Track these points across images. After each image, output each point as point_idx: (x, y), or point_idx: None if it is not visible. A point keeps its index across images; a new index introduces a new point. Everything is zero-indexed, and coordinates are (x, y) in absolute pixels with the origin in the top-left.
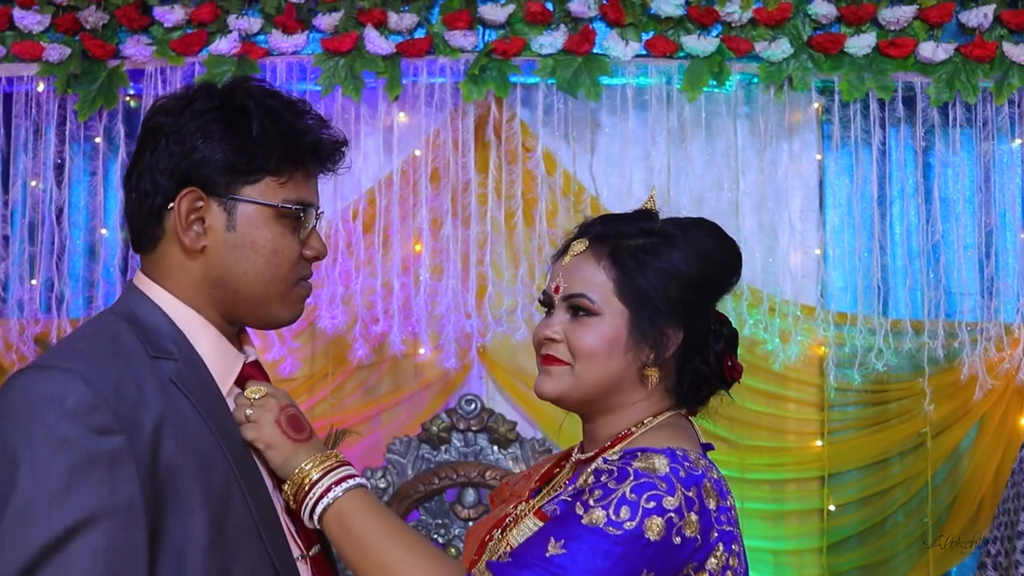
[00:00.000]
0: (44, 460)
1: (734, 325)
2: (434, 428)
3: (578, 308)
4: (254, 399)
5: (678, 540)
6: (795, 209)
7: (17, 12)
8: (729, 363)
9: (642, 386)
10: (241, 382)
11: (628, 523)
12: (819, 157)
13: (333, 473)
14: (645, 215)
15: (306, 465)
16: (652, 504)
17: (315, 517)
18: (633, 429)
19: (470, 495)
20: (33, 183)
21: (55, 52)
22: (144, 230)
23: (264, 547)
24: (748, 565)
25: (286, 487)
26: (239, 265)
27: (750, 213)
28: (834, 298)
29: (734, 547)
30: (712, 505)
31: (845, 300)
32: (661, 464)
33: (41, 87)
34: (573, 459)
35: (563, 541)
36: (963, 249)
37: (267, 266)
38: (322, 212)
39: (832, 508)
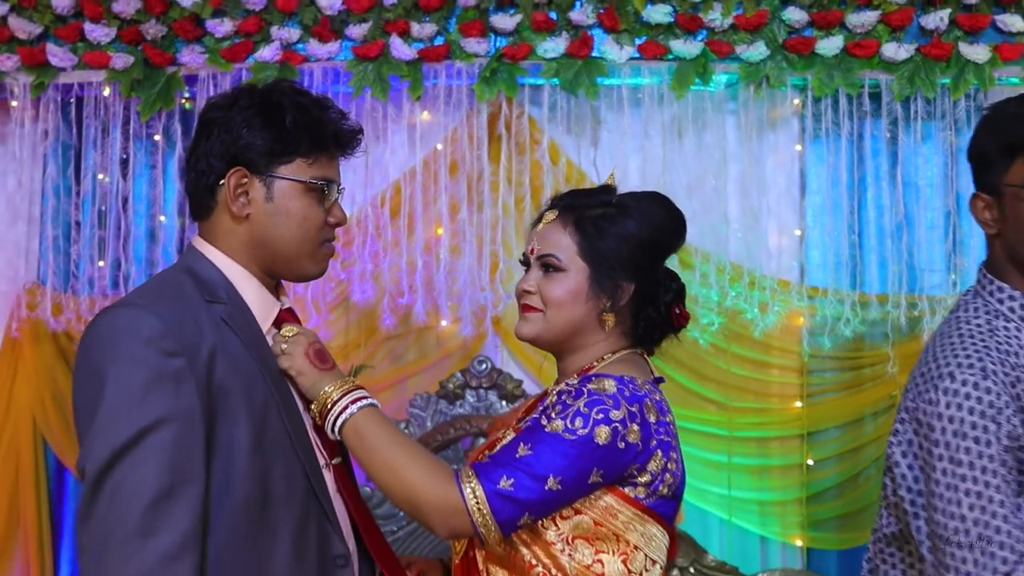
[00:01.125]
0: (125, 375)
1: (717, 297)
2: (450, 386)
3: (548, 265)
4: (288, 336)
5: (622, 445)
6: (777, 195)
7: (88, 26)
8: (677, 311)
9: (601, 329)
10: (278, 324)
11: (581, 430)
12: (799, 148)
13: (351, 394)
14: (605, 190)
15: (328, 388)
16: (600, 416)
17: (336, 430)
18: (595, 364)
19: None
20: (101, 176)
21: (120, 61)
22: (201, 202)
23: (296, 455)
24: (686, 472)
25: (313, 406)
26: (276, 229)
27: (735, 198)
28: (812, 274)
29: (672, 455)
30: (652, 419)
31: (821, 276)
32: (610, 385)
33: (107, 91)
34: (559, 382)
35: (530, 445)
36: (927, 229)
37: (299, 230)
38: (343, 188)
39: (811, 463)
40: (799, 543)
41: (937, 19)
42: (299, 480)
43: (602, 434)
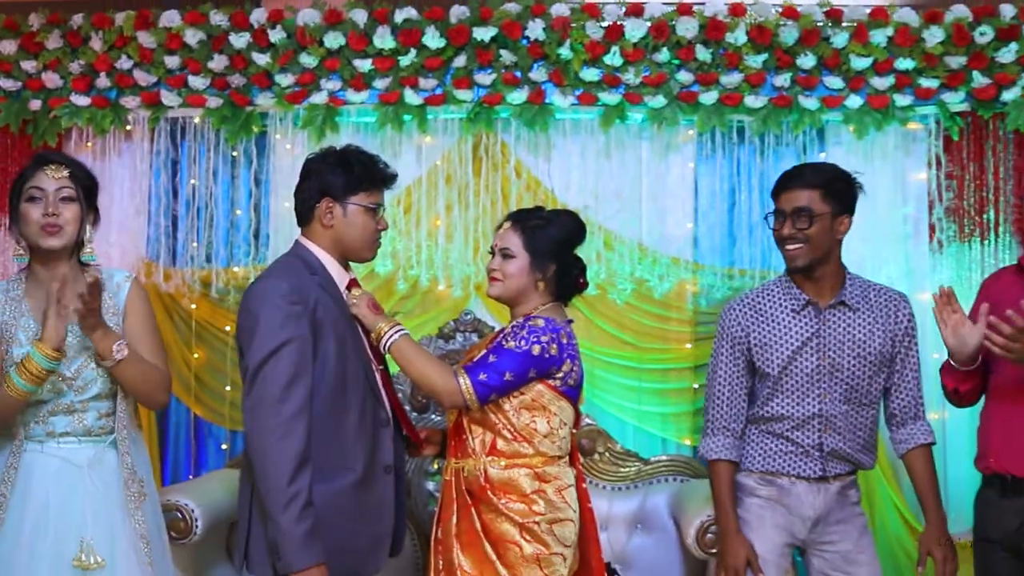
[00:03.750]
0: (269, 315)
1: (630, 270)
2: (445, 330)
3: (506, 254)
4: (356, 295)
5: (546, 356)
6: (675, 199)
7: (190, 77)
8: (580, 280)
9: (536, 291)
10: (349, 287)
11: (523, 346)
12: (691, 165)
13: (394, 327)
14: (539, 209)
15: (380, 324)
16: (534, 339)
17: (386, 347)
18: (532, 311)
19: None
20: (194, 182)
21: (213, 102)
22: (304, 216)
23: (360, 361)
24: (584, 375)
25: (372, 335)
26: (348, 234)
27: (646, 201)
28: (697, 254)
29: (576, 363)
30: (564, 341)
31: (703, 255)
32: (540, 322)
33: (200, 122)
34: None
35: (495, 356)
36: None
37: (361, 234)
38: (385, 208)
39: (696, 386)
40: (688, 442)
41: (783, 80)
42: (361, 375)
43: (535, 349)
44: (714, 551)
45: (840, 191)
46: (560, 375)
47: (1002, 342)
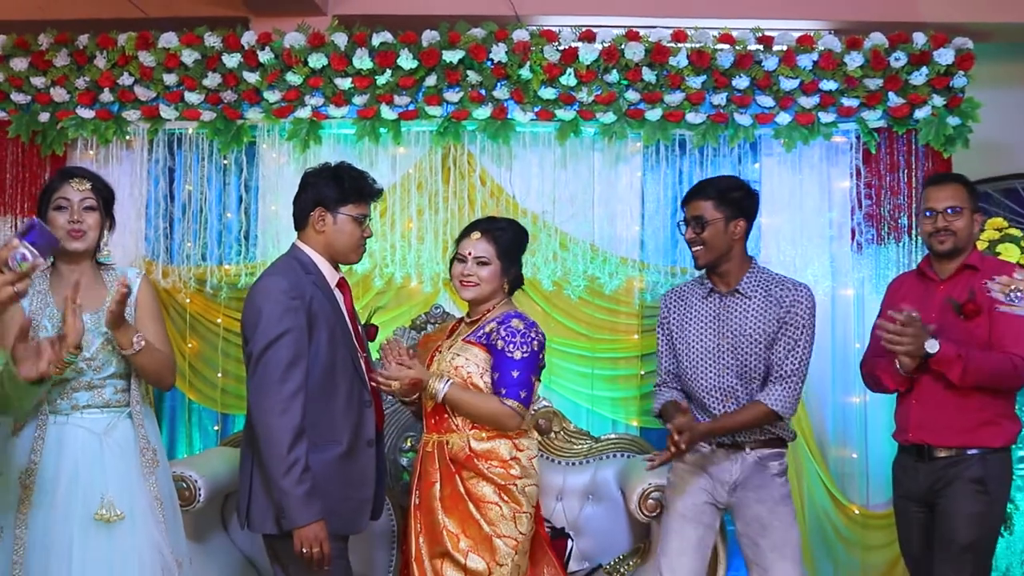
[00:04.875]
0: (271, 308)
1: (583, 268)
2: (417, 321)
3: (481, 262)
4: (397, 374)
5: (541, 347)
6: (624, 204)
7: (186, 93)
8: (521, 280)
9: (501, 290)
10: (338, 284)
11: (527, 349)
12: (639, 174)
13: (442, 380)
14: (497, 218)
15: (431, 381)
16: (530, 338)
17: (440, 399)
18: (493, 307)
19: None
20: (189, 188)
21: (207, 116)
22: (300, 221)
23: (348, 349)
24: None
25: (427, 393)
26: (338, 240)
27: (598, 206)
28: (643, 254)
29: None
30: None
31: (649, 255)
32: (519, 323)
33: (192, 131)
34: (467, 320)
35: (517, 371)
36: None
37: (349, 241)
38: (371, 218)
39: (643, 372)
40: (635, 423)
41: (720, 99)
42: (349, 361)
43: (535, 346)
44: (654, 514)
45: (733, 199)
46: (542, 362)
47: (890, 338)
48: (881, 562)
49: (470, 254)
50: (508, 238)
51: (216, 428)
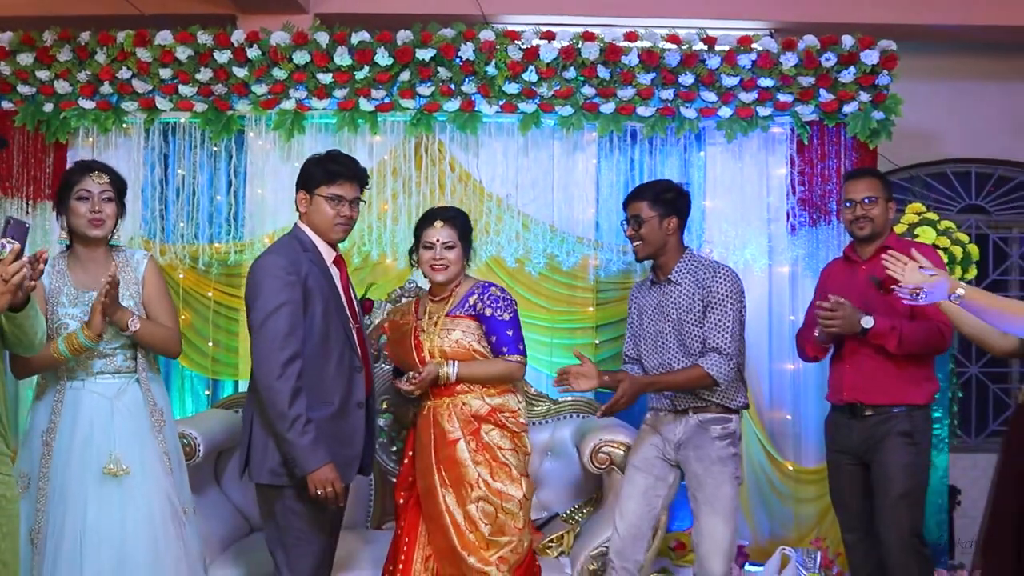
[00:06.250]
0: (270, 282)
1: (543, 247)
2: (392, 295)
3: (448, 246)
4: (414, 381)
5: (515, 306)
6: (581, 189)
7: (180, 86)
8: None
9: (464, 270)
10: (334, 262)
11: (511, 310)
12: (595, 161)
13: (449, 364)
14: (447, 207)
15: (441, 369)
16: (509, 300)
17: (453, 379)
18: (460, 282)
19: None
20: (182, 172)
21: (199, 107)
22: (297, 205)
23: (341, 320)
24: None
25: (441, 381)
26: (316, 219)
27: (558, 190)
28: (598, 234)
29: None
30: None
31: (603, 236)
32: (496, 290)
33: (183, 120)
34: (433, 299)
35: (511, 330)
36: None
37: (324, 219)
38: (357, 198)
39: (597, 342)
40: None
41: (668, 94)
42: (342, 330)
43: (515, 306)
44: (604, 467)
45: (666, 199)
46: None
47: (823, 317)
48: (812, 513)
49: (438, 240)
50: (463, 221)
51: (207, 392)
